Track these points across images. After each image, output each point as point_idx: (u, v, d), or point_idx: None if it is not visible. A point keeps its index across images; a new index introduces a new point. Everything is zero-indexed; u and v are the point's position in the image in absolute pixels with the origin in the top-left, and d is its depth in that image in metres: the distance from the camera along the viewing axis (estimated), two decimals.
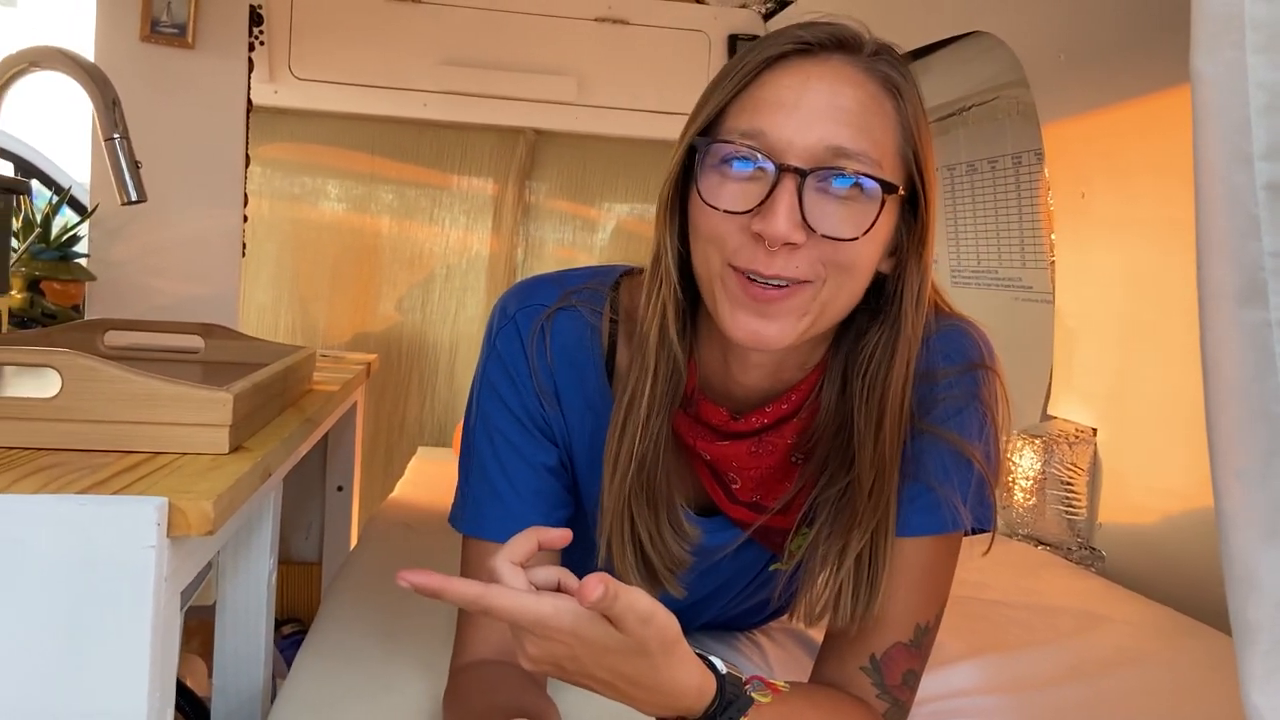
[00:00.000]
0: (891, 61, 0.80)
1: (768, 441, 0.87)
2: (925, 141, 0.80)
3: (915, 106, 0.80)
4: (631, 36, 2.39)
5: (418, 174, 2.48)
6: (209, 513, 0.62)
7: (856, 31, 0.80)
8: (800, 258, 0.76)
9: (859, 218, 0.76)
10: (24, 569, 0.59)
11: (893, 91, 0.79)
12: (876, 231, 0.77)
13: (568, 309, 0.92)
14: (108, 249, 1.59)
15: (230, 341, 1.23)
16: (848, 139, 0.75)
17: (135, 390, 0.74)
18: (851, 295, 0.80)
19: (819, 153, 0.75)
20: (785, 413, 0.87)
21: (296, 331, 2.39)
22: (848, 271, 0.78)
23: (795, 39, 0.78)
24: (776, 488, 0.91)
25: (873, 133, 0.77)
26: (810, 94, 0.77)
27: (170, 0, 1.60)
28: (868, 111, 0.77)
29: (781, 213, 0.74)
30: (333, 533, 1.68)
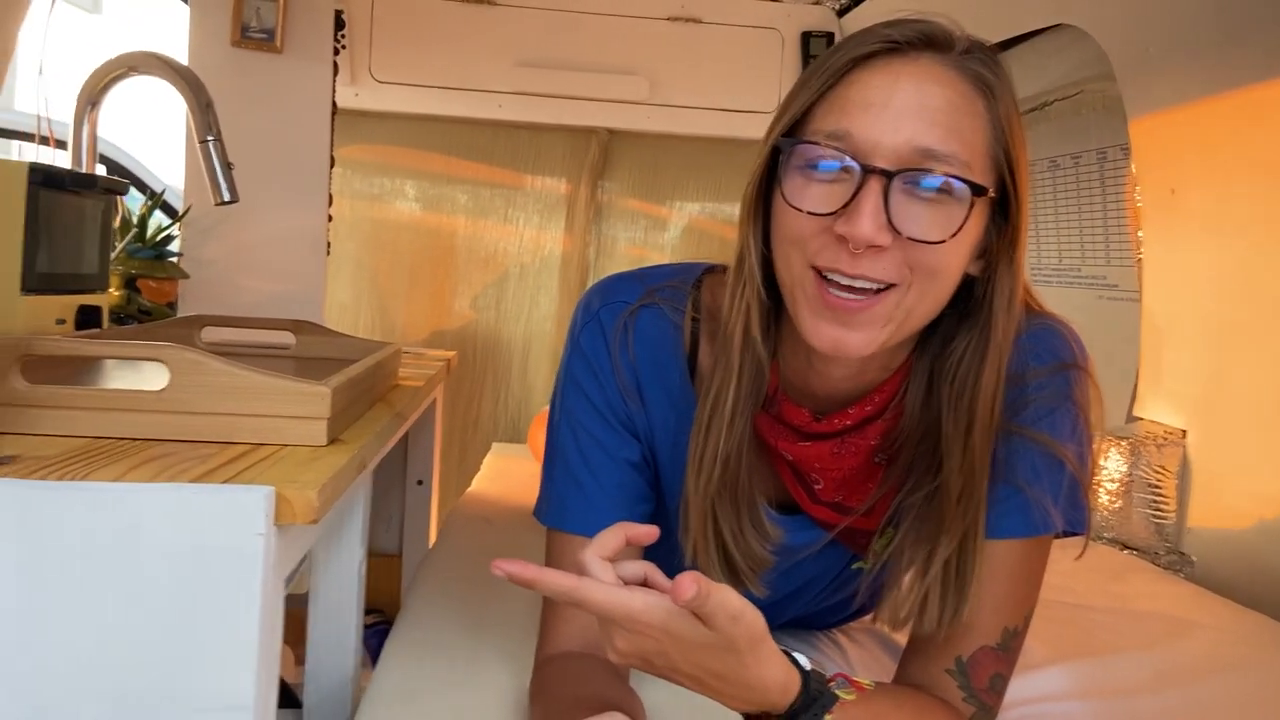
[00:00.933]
0: (984, 59, 0.78)
1: (850, 443, 0.87)
2: (1018, 142, 0.78)
3: (1008, 105, 0.78)
4: (704, 35, 2.39)
5: (492, 174, 2.51)
6: (314, 502, 0.64)
7: (947, 29, 0.78)
8: (886, 260, 0.75)
9: (946, 220, 0.75)
10: (139, 555, 0.62)
11: (984, 90, 0.77)
12: (964, 234, 0.76)
13: (651, 306, 0.93)
14: (200, 248, 1.64)
15: (320, 338, 1.26)
16: (936, 140, 0.74)
17: (239, 383, 0.77)
18: (937, 300, 0.79)
19: (906, 154, 0.74)
20: (869, 414, 0.86)
21: (375, 329, 2.44)
22: (934, 276, 0.76)
23: (883, 38, 0.77)
24: (860, 488, 0.90)
25: (962, 133, 0.75)
26: (898, 94, 0.75)
27: (260, 6, 1.64)
28: (957, 111, 0.76)
29: (866, 214, 0.73)
30: (412, 526, 1.71)
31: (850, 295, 0.76)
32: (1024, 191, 0.80)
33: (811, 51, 2.39)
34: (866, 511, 0.90)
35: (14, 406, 0.74)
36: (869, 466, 0.89)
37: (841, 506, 0.91)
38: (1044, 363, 0.84)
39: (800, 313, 0.79)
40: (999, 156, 0.78)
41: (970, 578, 0.81)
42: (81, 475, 0.63)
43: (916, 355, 0.85)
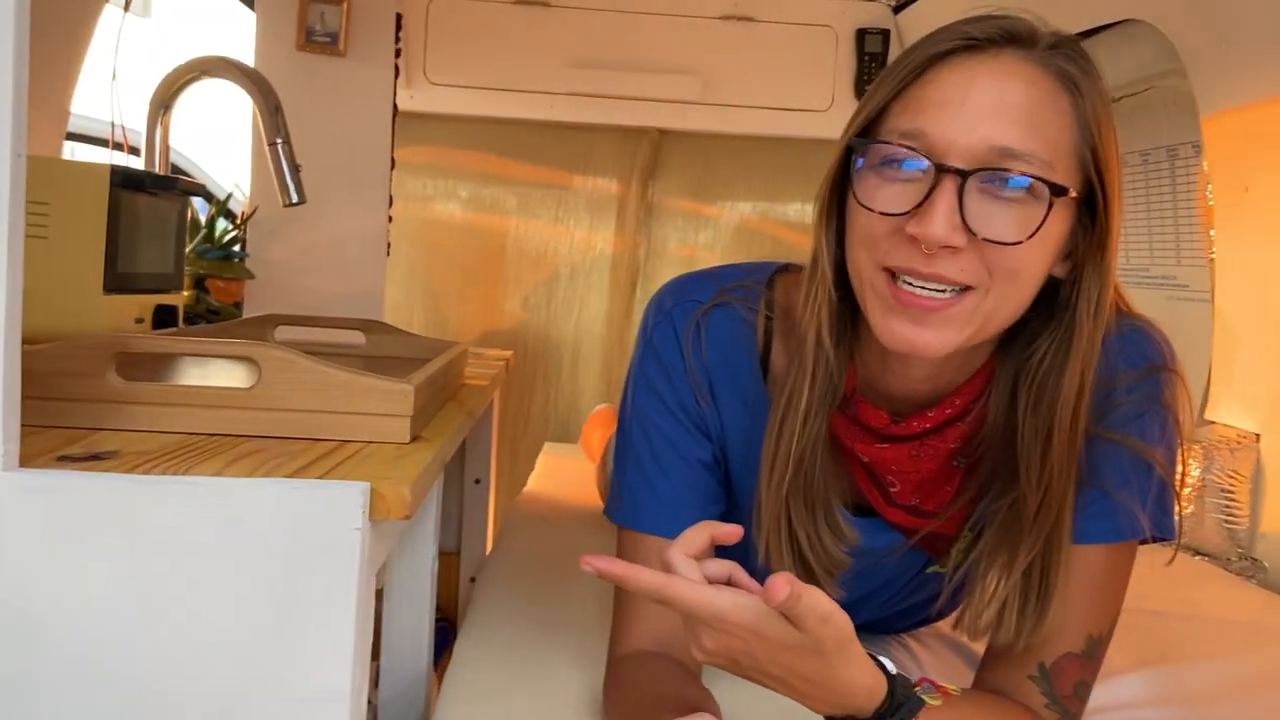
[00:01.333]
0: (1070, 54, 0.76)
1: (929, 445, 0.85)
2: (1107, 140, 0.76)
3: (1095, 102, 0.76)
4: (757, 33, 2.39)
5: (543, 175, 2.52)
6: (406, 497, 0.65)
7: (1030, 24, 0.76)
8: (962, 262, 0.73)
9: (1024, 221, 0.73)
10: (240, 548, 0.63)
11: (1069, 87, 0.75)
12: (1045, 236, 0.74)
13: (723, 306, 0.92)
14: (265, 249, 1.66)
15: (389, 337, 1.27)
16: (1015, 138, 0.72)
17: (326, 381, 0.78)
18: (1018, 303, 0.77)
19: (982, 153, 0.72)
20: (949, 417, 0.85)
21: (429, 328, 2.46)
22: (1013, 278, 0.75)
23: (962, 35, 0.75)
24: (937, 492, 0.89)
25: (1045, 131, 0.73)
26: (976, 92, 0.73)
27: (324, 10, 1.66)
28: (1040, 108, 0.74)
29: (939, 214, 0.71)
30: (470, 524, 1.73)
31: (925, 292, 0.74)
32: (1114, 192, 0.77)
33: (866, 48, 2.37)
34: (944, 515, 0.89)
35: (111, 403, 0.76)
36: (947, 470, 0.88)
37: (918, 510, 0.90)
38: (1134, 365, 0.83)
39: (872, 312, 0.77)
40: (1085, 155, 0.76)
41: (1053, 587, 0.79)
42: (182, 470, 0.64)
43: (999, 359, 0.84)
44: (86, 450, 0.68)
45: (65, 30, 1.55)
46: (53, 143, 1.55)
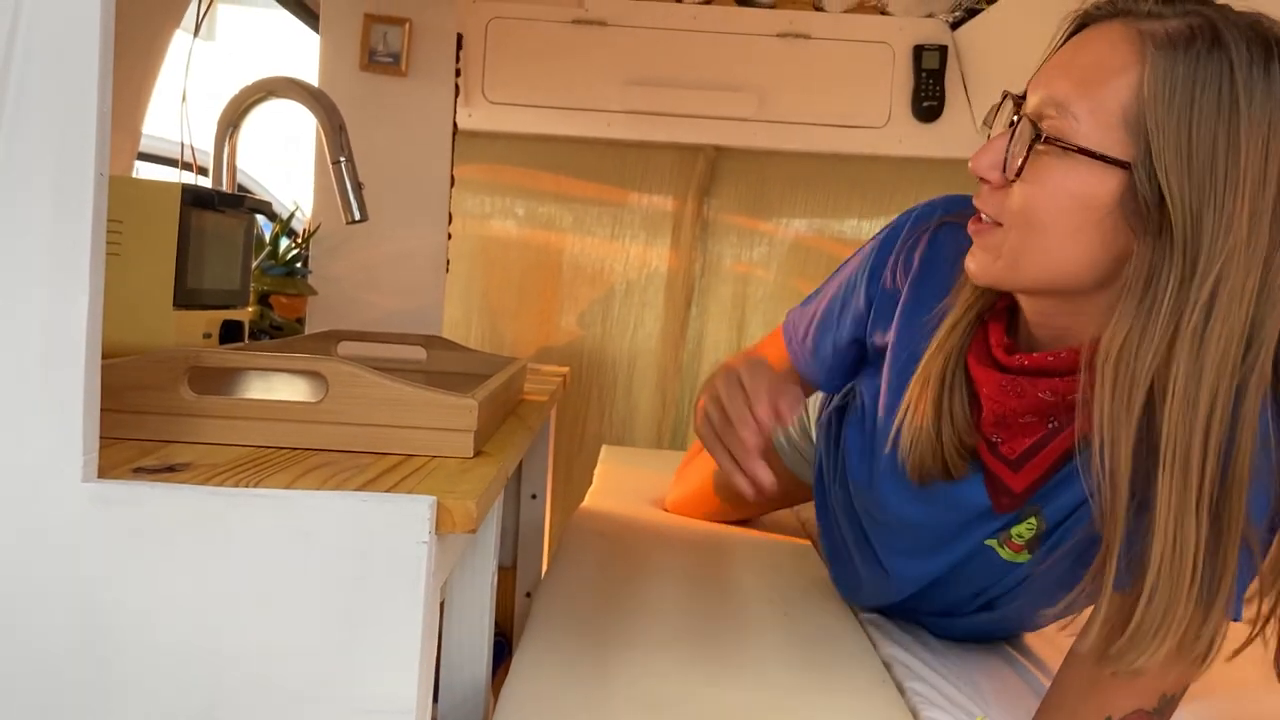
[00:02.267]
0: (1177, 27, 0.74)
1: (1019, 383, 0.88)
2: (1175, 121, 0.72)
3: (1163, 77, 0.72)
4: (814, 50, 2.38)
5: (600, 191, 2.54)
6: (473, 512, 0.65)
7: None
8: (997, 198, 0.81)
9: (1040, 167, 0.77)
10: (310, 560, 0.64)
11: (1141, 56, 0.74)
12: (1055, 188, 0.76)
13: (959, 225, 0.98)
14: (327, 265, 1.69)
15: (450, 353, 1.29)
16: (1063, 91, 0.76)
17: (392, 396, 0.79)
18: (1045, 258, 0.79)
19: (1039, 104, 0.78)
20: (1044, 365, 0.86)
21: (486, 344, 2.49)
22: (1026, 221, 0.79)
23: (1082, 11, 0.82)
24: (1016, 437, 0.91)
25: (1099, 92, 0.75)
26: (1064, 53, 0.80)
27: (386, 31, 1.70)
28: (1102, 69, 0.75)
29: (989, 150, 0.80)
30: (526, 539, 1.73)
31: (979, 224, 0.84)
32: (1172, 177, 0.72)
33: (924, 65, 2.36)
34: (1016, 467, 0.92)
35: (182, 416, 0.77)
36: (1038, 423, 0.89)
37: (996, 448, 0.92)
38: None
39: None
40: (1140, 129, 0.74)
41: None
42: (255, 482, 0.66)
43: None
44: (161, 462, 0.70)
45: (138, 55, 1.59)
46: (126, 161, 1.60)
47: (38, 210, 0.60)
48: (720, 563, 1.40)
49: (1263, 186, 0.71)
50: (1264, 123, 0.71)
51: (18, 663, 0.62)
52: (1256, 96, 0.71)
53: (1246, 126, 0.71)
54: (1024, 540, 0.94)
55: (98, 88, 0.60)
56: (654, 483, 1.86)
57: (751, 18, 2.37)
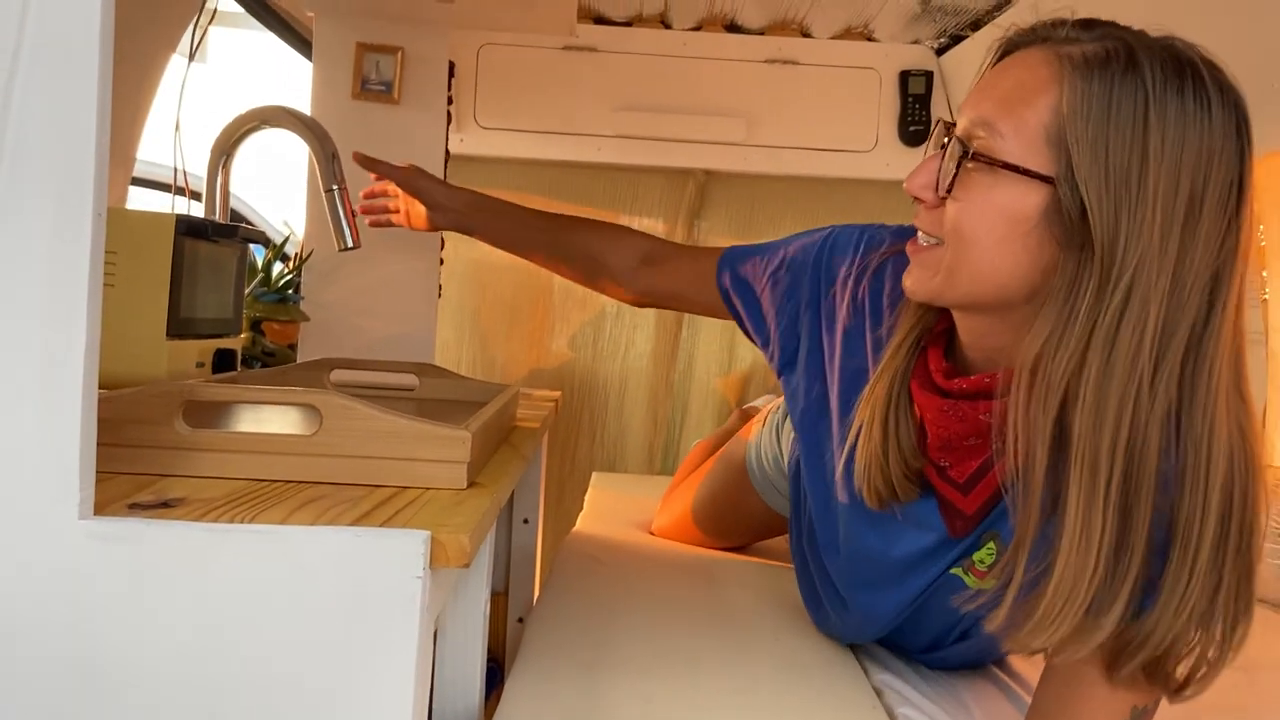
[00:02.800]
0: (1092, 53, 0.77)
1: (960, 407, 0.89)
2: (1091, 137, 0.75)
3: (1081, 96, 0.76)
4: (801, 76, 2.41)
5: (591, 215, 2.54)
6: (466, 545, 0.66)
7: (1057, 20, 0.82)
8: (932, 216, 0.84)
9: (969, 183, 0.80)
10: (304, 596, 0.64)
11: (1060, 77, 0.77)
12: (983, 204, 0.79)
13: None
14: (320, 291, 1.70)
15: (442, 380, 1.29)
16: (989, 111, 0.80)
17: (385, 427, 0.80)
18: (975, 271, 0.82)
19: (968, 127, 0.81)
20: (982, 386, 0.88)
21: (477, 367, 2.49)
22: (959, 236, 0.81)
23: (1007, 37, 0.85)
24: (963, 461, 0.92)
25: (1015, 111, 0.78)
26: (989, 77, 0.83)
27: (379, 60, 1.71)
28: (1022, 89, 0.79)
29: (922, 170, 0.84)
30: (518, 564, 1.74)
31: (915, 244, 0.87)
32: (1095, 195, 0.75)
33: (910, 90, 2.38)
34: (965, 490, 0.93)
35: (177, 450, 0.78)
36: (981, 445, 0.91)
37: (945, 473, 0.94)
38: None
39: None
40: (1061, 142, 0.77)
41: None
42: (249, 517, 0.66)
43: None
44: (156, 497, 0.70)
45: (134, 82, 1.60)
46: (119, 191, 1.61)
47: (36, 248, 0.60)
48: (711, 588, 1.41)
49: (1174, 198, 0.74)
50: (1176, 139, 0.74)
51: (16, 698, 0.63)
52: (1169, 113, 0.74)
53: (1158, 142, 0.74)
54: (987, 566, 0.95)
55: (96, 129, 0.61)
56: (644, 507, 1.87)
57: (740, 44, 2.40)
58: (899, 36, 2.37)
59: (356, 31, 1.71)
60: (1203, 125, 0.75)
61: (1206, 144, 0.75)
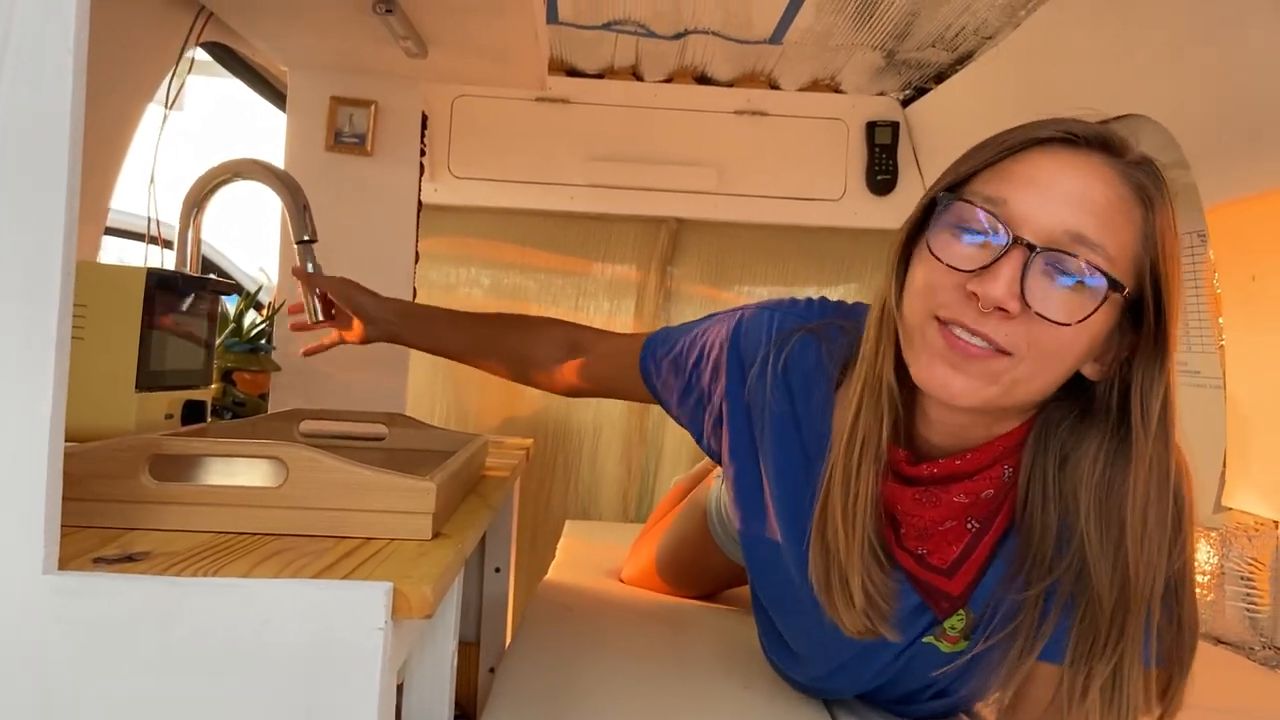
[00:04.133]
0: (1150, 173, 0.82)
1: (933, 494, 0.89)
2: (1169, 256, 0.81)
3: (1165, 221, 0.81)
4: (770, 126, 2.46)
5: (564, 263, 2.57)
6: (428, 597, 0.67)
7: (1124, 138, 0.83)
8: (1010, 328, 0.78)
9: (1078, 306, 0.78)
10: (267, 649, 0.64)
11: (1145, 200, 0.81)
12: (1091, 325, 0.78)
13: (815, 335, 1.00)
14: (291, 341, 1.70)
15: (411, 430, 1.30)
16: (1090, 228, 0.78)
17: (350, 479, 0.80)
18: (1046, 382, 0.81)
19: (1057, 235, 0.78)
20: (956, 470, 0.88)
21: (450, 415, 2.49)
22: (1050, 357, 0.79)
23: (1064, 129, 0.82)
24: (944, 546, 0.92)
25: (1117, 232, 0.79)
26: (1064, 179, 0.79)
27: (352, 113, 1.74)
28: (1115, 211, 0.79)
29: (1003, 278, 0.77)
30: (490, 613, 1.73)
31: (972, 340, 0.79)
32: (1171, 307, 0.81)
33: (877, 140, 2.44)
34: (949, 573, 0.92)
35: (143, 503, 0.78)
36: (958, 529, 0.91)
37: (924, 560, 0.93)
38: None
39: (918, 356, 0.83)
40: (1144, 265, 0.81)
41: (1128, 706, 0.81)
42: (212, 571, 0.67)
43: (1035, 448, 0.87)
44: (121, 551, 0.71)
45: (108, 133, 1.62)
46: (91, 244, 1.61)
47: (4, 306, 0.61)
48: (682, 636, 1.41)
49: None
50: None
51: None
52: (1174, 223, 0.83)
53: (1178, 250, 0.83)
54: (958, 631, 0.96)
55: (66, 189, 0.62)
56: (617, 555, 1.87)
57: (710, 95, 2.45)
58: (865, 88, 2.42)
59: (330, 85, 1.74)
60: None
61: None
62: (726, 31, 2.10)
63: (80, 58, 0.62)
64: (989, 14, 1.84)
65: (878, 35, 2.03)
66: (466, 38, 1.56)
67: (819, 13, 1.92)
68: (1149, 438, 0.81)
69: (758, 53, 2.25)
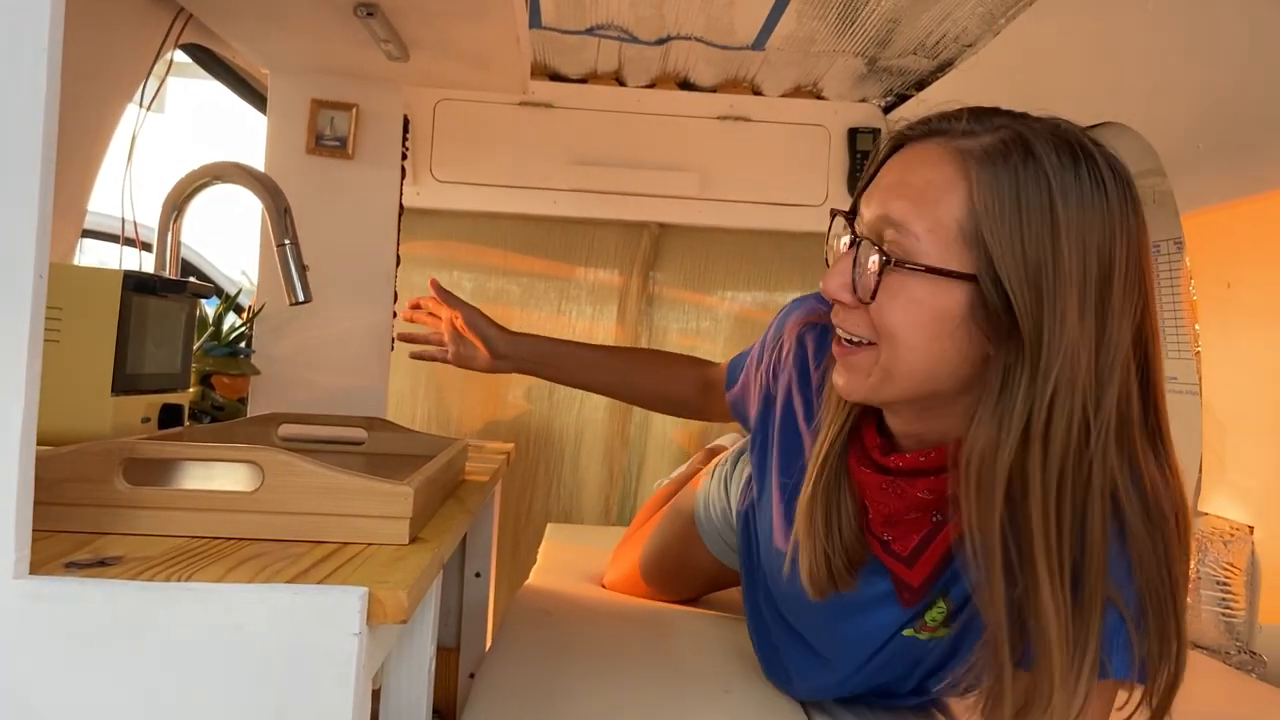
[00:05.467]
0: (992, 143, 0.80)
1: (898, 485, 0.91)
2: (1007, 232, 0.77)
3: (991, 190, 0.78)
4: (753, 132, 2.46)
5: (546, 267, 2.57)
6: (404, 602, 0.66)
7: (951, 114, 0.84)
8: (856, 318, 0.84)
9: (895, 286, 0.81)
10: (241, 654, 0.64)
11: (966, 173, 0.79)
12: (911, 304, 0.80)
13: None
14: (271, 345, 1.70)
15: (390, 434, 1.29)
16: (899, 211, 0.80)
17: (326, 484, 0.80)
18: (911, 367, 0.82)
19: (875, 224, 0.82)
20: (918, 465, 0.90)
21: (432, 420, 2.48)
22: (899, 341, 0.82)
23: (903, 128, 0.87)
24: (907, 535, 0.94)
25: (934, 210, 0.79)
26: (892, 173, 0.84)
27: (333, 116, 1.73)
28: (931, 188, 0.80)
29: (834, 271, 0.84)
30: (470, 618, 1.72)
31: (841, 345, 0.87)
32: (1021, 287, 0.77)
33: (858, 146, 2.45)
34: (910, 563, 0.94)
35: (117, 508, 0.78)
36: (922, 519, 0.92)
37: (889, 547, 0.95)
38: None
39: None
40: (978, 242, 0.78)
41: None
42: (186, 576, 0.66)
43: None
44: (94, 556, 0.70)
45: (87, 134, 1.61)
46: (67, 245, 1.60)
47: None
48: (662, 641, 1.41)
49: (1085, 280, 0.77)
50: (1082, 222, 0.77)
51: None
52: (1071, 198, 0.77)
53: (1065, 227, 0.77)
54: (938, 622, 0.97)
55: (39, 188, 0.62)
56: (598, 560, 1.86)
57: (693, 101, 2.45)
58: (847, 95, 2.44)
59: (311, 88, 1.73)
60: (1102, 205, 0.78)
61: (1108, 223, 0.77)
62: (709, 37, 2.10)
63: (55, 55, 0.61)
64: (969, 22, 1.85)
65: (859, 42, 2.04)
66: (448, 41, 1.55)
67: (801, 19, 1.93)
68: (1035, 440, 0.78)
69: (740, 58, 2.25)
